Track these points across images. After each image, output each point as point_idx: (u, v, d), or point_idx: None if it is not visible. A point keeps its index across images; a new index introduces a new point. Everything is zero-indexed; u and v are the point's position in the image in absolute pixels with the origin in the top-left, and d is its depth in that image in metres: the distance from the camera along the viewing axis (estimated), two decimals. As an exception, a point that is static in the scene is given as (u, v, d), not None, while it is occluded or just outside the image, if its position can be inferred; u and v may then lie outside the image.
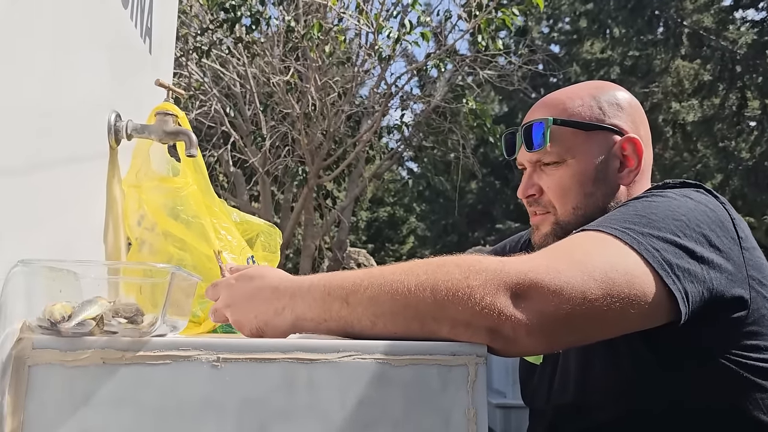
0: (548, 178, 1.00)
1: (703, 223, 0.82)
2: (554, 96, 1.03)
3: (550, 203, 1.00)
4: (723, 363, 0.84)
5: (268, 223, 1.27)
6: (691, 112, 11.96)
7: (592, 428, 0.91)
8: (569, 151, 0.98)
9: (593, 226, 0.81)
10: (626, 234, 0.77)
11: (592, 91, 1.01)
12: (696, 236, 0.80)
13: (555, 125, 0.97)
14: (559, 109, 0.99)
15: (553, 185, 0.99)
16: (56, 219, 0.80)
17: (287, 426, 0.64)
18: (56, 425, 0.64)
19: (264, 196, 7.46)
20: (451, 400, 0.65)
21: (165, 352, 0.65)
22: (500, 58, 7.68)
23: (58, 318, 0.65)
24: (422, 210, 18.67)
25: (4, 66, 0.64)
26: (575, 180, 0.97)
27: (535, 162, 1.01)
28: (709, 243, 0.81)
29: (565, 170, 0.98)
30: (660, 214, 0.81)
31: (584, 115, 0.98)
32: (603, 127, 0.98)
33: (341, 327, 0.71)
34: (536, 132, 0.98)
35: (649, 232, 0.78)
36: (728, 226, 0.85)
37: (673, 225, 0.80)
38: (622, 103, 1.00)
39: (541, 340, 0.69)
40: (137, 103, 1.09)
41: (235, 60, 6.77)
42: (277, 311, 0.73)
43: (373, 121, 7.22)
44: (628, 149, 0.98)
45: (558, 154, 0.98)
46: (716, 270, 0.80)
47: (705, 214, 0.84)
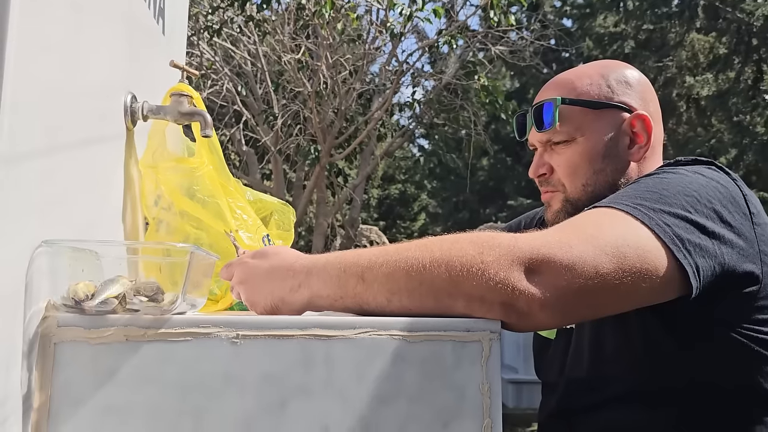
0: (558, 156, 1.01)
1: (715, 199, 0.83)
2: (563, 76, 1.04)
3: (560, 181, 1.02)
4: (735, 337, 0.85)
5: (281, 202, 1.28)
6: (705, 87, 11.80)
7: (604, 402, 0.92)
8: (578, 130, 0.99)
9: (605, 202, 0.82)
10: (637, 210, 0.78)
11: (600, 70, 1.02)
12: (707, 212, 0.81)
13: (564, 104, 0.99)
14: (567, 88, 1.01)
15: (563, 163, 1.00)
16: (76, 200, 0.81)
17: (305, 401, 0.66)
18: (82, 400, 0.66)
19: (276, 175, 7.47)
20: (466, 376, 0.67)
21: (186, 329, 0.67)
22: (512, 34, 7.60)
23: (81, 297, 0.67)
24: (433, 187, 18.63)
25: (22, 49, 0.65)
26: (584, 158, 0.99)
27: (546, 142, 1.03)
28: (720, 219, 0.81)
29: (575, 148, 0.99)
30: (671, 190, 0.82)
31: (593, 93, 0.99)
32: (612, 105, 0.99)
33: (357, 304, 0.72)
34: (545, 112, 1.00)
35: (661, 208, 0.78)
36: (740, 202, 0.86)
37: (685, 201, 0.81)
38: (630, 80, 1.01)
39: (555, 314, 0.70)
40: (152, 85, 1.10)
41: (246, 38, 6.75)
42: (292, 288, 0.75)
43: (384, 98, 7.19)
44: (638, 126, 0.99)
45: (567, 133, 0.99)
46: (727, 245, 0.81)
47: (716, 190, 0.84)
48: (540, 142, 1.04)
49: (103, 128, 0.91)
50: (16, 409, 0.64)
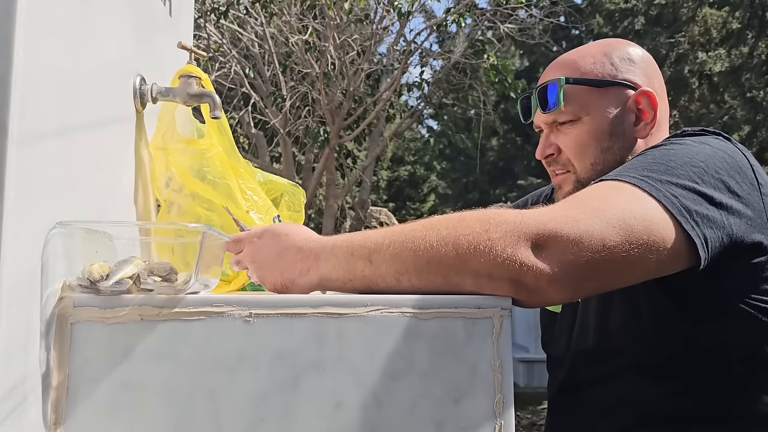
0: (565, 137, 1.01)
1: (722, 169, 0.82)
2: (566, 56, 1.04)
3: (569, 161, 1.02)
4: (742, 308, 0.85)
5: (291, 183, 1.29)
6: (718, 62, 11.63)
7: (611, 373, 0.93)
8: (583, 109, 0.99)
9: (611, 175, 0.82)
10: (644, 182, 0.77)
11: (603, 49, 1.02)
12: (714, 182, 0.81)
13: (568, 84, 0.98)
14: (571, 68, 1.00)
15: (570, 143, 1.00)
16: (88, 182, 0.82)
17: (318, 377, 0.67)
18: (99, 378, 0.67)
19: (285, 157, 7.48)
20: (477, 352, 0.67)
21: (200, 309, 0.68)
22: (521, 12, 7.51)
23: (96, 277, 0.68)
24: (443, 168, 18.59)
25: (31, 32, 0.65)
26: (591, 136, 0.99)
27: (551, 122, 1.03)
28: (728, 189, 0.81)
29: (581, 127, 0.99)
30: (678, 161, 0.82)
31: (596, 72, 0.99)
32: (616, 83, 0.99)
33: (366, 285, 0.72)
34: (550, 93, 1.00)
35: (668, 179, 0.78)
36: (747, 172, 0.85)
37: (692, 172, 0.80)
38: (634, 57, 1.01)
39: (564, 288, 0.70)
40: (161, 67, 1.10)
41: (253, 20, 6.71)
42: (302, 272, 0.76)
43: (392, 79, 7.15)
44: (643, 102, 0.99)
45: (573, 113, 0.99)
46: (735, 216, 0.81)
47: (723, 160, 0.84)
48: (546, 123, 1.04)
49: (112, 111, 0.91)
50: (35, 387, 0.66)
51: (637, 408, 0.90)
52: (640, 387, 0.90)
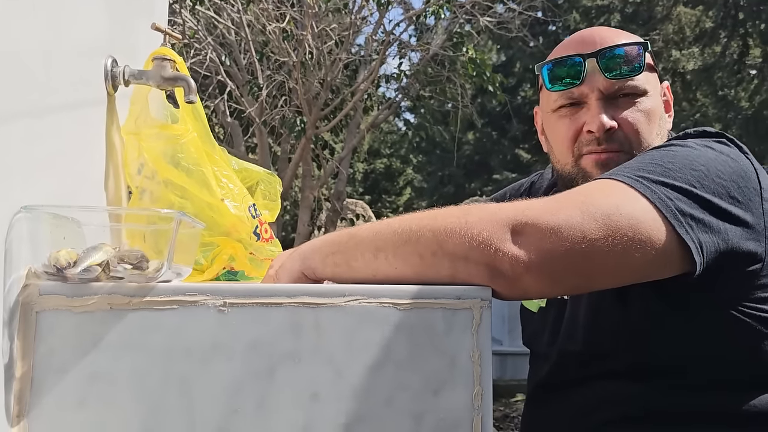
0: (629, 111, 0.93)
1: (724, 174, 0.80)
2: (610, 31, 0.98)
3: (626, 139, 0.93)
4: (735, 315, 0.83)
5: (267, 171, 1.26)
6: (691, 61, 11.81)
7: (600, 375, 0.91)
8: (647, 84, 0.94)
9: (606, 174, 0.80)
10: (638, 182, 0.75)
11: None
12: (714, 187, 0.78)
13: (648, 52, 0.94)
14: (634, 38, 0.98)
15: (634, 119, 0.92)
16: (56, 166, 0.79)
17: (294, 368, 0.65)
18: (66, 369, 0.65)
19: (261, 147, 7.40)
20: (456, 343, 0.66)
21: (172, 297, 0.66)
22: (499, 5, 7.51)
23: (63, 264, 0.65)
24: (419, 161, 18.61)
25: (-3, 7, 0.62)
26: (651, 116, 0.94)
27: (614, 92, 0.93)
28: (728, 194, 0.79)
29: (643, 105, 0.93)
30: (678, 163, 0.79)
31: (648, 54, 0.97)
32: (656, 70, 1.00)
33: (345, 261, 0.74)
34: (634, 56, 0.92)
35: (664, 181, 0.76)
36: (750, 176, 0.83)
37: (691, 175, 0.78)
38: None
39: (542, 279, 0.68)
40: (133, 49, 1.07)
41: (230, 7, 6.62)
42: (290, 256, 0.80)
43: (370, 69, 7.11)
44: (668, 95, 1.01)
45: (639, 87, 0.93)
46: (733, 222, 0.78)
47: (726, 164, 0.81)
48: (605, 90, 0.92)
49: (82, 93, 0.88)
50: (-3, 378, 0.63)
51: (624, 406, 0.89)
52: (627, 388, 0.88)
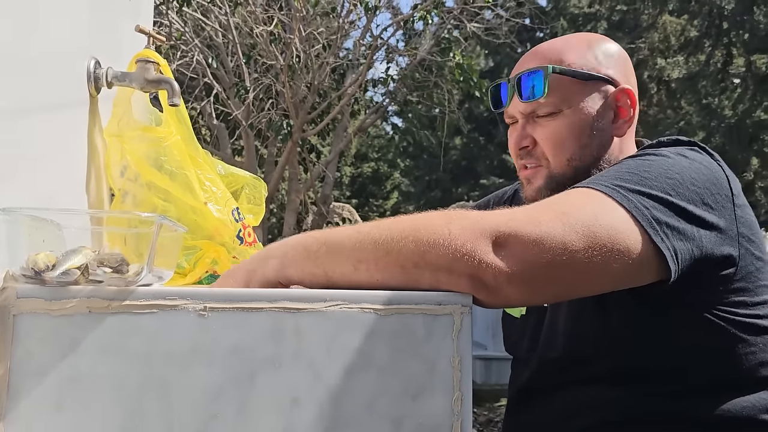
0: (543, 129, 0.97)
1: (698, 181, 0.82)
2: (548, 45, 1.01)
3: (544, 155, 0.98)
4: (711, 319, 0.85)
5: (253, 176, 1.26)
6: (676, 69, 11.93)
7: (581, 381, 0.92)
8: (565, 101, 0.96)
9: (583, 183, 0.81)
10: (615, 191, 0.76)
11: (586, 41, 1.00)
12: (689, 195, 0.80)
13: (554, 74, 0.95)
14: (554, 58, 0.97)
15: (549, 136, 0.97)
16: (37, 168, 0.79)
17: (275, 373, 0.65)
18: (43, 373, 0.64)
19: (248, 150, 7.38)
20: (437, 349, 0.66)
21: (151, 302, 0.65)
22: (487, 12, 7.56)
23: (42, 267, 0.65)
24: (406, 166, 18.65)
25: (-22, 7, 0.62)
26: (571, 131, 0.96)
27: (529, 113, 0.98)
28: (702, 201, 0.81)
29: (561, 121, 0.96)
30: (653, 172, 0.81)
31: (580, 64, 0.97)
32: (598, 77, 0.97)
33: (323, 272, 0.71)
34: (532, 81, 0.95)
35: (640, 190, 0.77)
36: (723, 184, 0.85)
37: (666, 183, 0.79)
38: (614, 53, 1.00)
39: (524, 289, 0.69)
40: (117, 51, 1.07)
41: (217, 9, 6.60)
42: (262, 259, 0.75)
43: (357, 74, 7.12)
44: (622, 100, 0.98)
45: (554, 104, 0.96)
46: (707, 228, 0.80)
47: (699, 171, 0.83)
48: (523, 113, 0.99)
49: (64, 94, 0.88)
50: (-27, 382, 0.62)
51: (603, 411, 0.90)
52: (606, 393, 0.90)
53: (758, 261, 0.87)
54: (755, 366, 0.87)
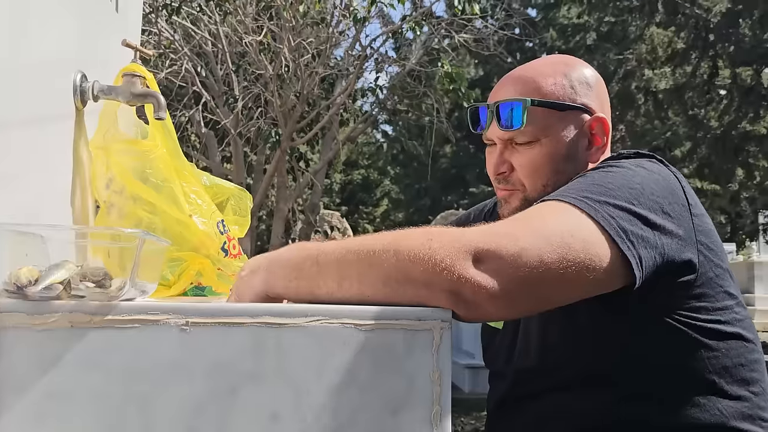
0: (520, 156, 1.00)
1: (657, 192, 0.85)
2: (524, 73, 1.03)
3: (520, 181, 1.01)
4: (673, 324, 0.88)
5: (238, 187, 1.27)
6: (663, 80, 12.06)
7: (552, 388, 0.95)
8: (543, 131, 0.98)
9: (552, 196, 0.84)
10: (583, 202, 0.79)
11: (562, 69, 1.02)
12: (650, 204, 0.83)
13: (532, 106, 0.97)
14: (531, 87, 0.99)
15: (526, 163, 1.00)
16: (21, 181, 0.79)
17: (256, 388, 0.65)
18: (25, 387, 0.64)
19: (236, 158, 7.37)
20: (417, 364, 0.67)
21: (133, 316, 0.66)
22: (477, 22, 7.61)
23: (24, 282, 0.65)
24: (396, 173, 18.69)
25: (-37, 25, 0.62)
26: (547, 159, 0.99)
27: (507, 140, 1.01)
28: (662, 210, 0.84)
29: (539, 149, 0.99)
30: (616, 183, 0.84)
31: (558, 94, 0.99)
32: (575, 107, 1.00)
33: (309, 288, 0.72)
34: (514, 112, 0.98)
35: (606, 201, 0.80)
36: (679, 194, 0.89)
37: (629, 193, 0.83)
38: (590, 81, 1.02)
39: (502, 304, 0.71)
40: (103, 64, 1.07)
41: (207, 18, 6.60)
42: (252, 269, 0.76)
43: (347, 83, 7.14)
44: (596, 128, 1.01)
45: (532, 134, 0.98)
46: (668, 236, 0.84)
47: (657, 182, 0.87)
48: (501, 139, 1.02)
49: (49, 107, 0.88)
50: (-47, 396, 0.62)
51: (575, 419, 0.92)
52: (577, 400, 0.92)
53: (718, 268, 0.90)
54: (720, 370, 0.90)
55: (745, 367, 0.91)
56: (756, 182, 11.86)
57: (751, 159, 11.37)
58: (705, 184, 12.06)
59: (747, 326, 0.93)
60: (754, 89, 10.76)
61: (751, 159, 11.37)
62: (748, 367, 0.91)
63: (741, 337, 0.92)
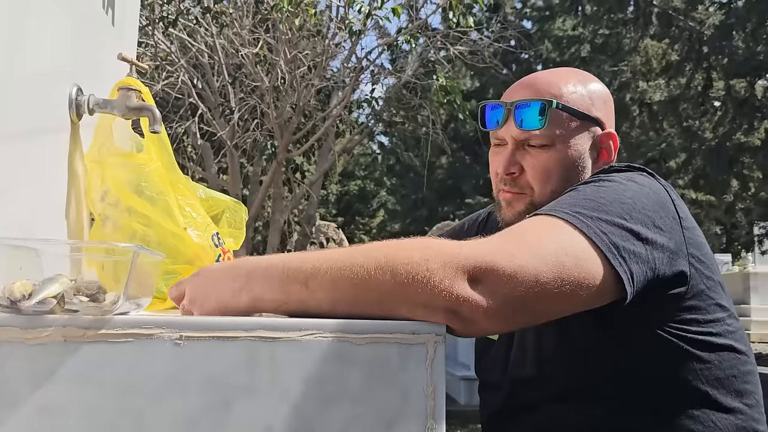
0: (533, 159, 1.00)
1: (648, 206, 0.86)
2: (546, 78, 1.03)
3: (528, 185, 1.01)
4: (665, 336, 0.88)
5: (233, 200, 1.27)
6: (657, 92, 12.13)
7: (546, 400, 0.95)
8: (559, 136, 0.99)
9: (544, 210, 0.84)
10: (576, 218, 0.80)
11: (580, 80, 1.03)
12: (641, 218, 0.84)
13: (556, 109, 0.97)
14: (554, 92, 0.99)
15: (538, 167, 0.99)
16: (16, 194, 0.79)
17: (250, 402, 0.65)
18: (18, 402, 0.64)
19: (232, 170, 7.37)
20: (411, 378, 0.67)
21: (127, 330, 0.66)
22: (472, 34, 7.65)
23: (18, 296, 0.65)
24: (392, 184, 18.71)
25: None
26: (559, 165, 0.99)
27: (522, 140, 1.00)
28: (653, 224, 0.85)
29: (552, 154, 0.99)
30: (608, 198, 0.85)
31: (577, 103, 1.00)
32: (590, 118, 1.01)
33: (301, 310, 0.71)
34: (538, 112, 0.97)
35: (598, 216, 0.81)
36: (669, 207, 0.89)
37: (620, 208, 0.83)
38: (604, 96, 1.04)
39: (498, 321, 0.72)
40: (99, 77, 1.08)
41: (203, 30, 6.63)
42: (234, 292, 0.73)
43: (343, 95, 7.16)
44: (606, 143, 1.03)
45: (549, 137, 0.98)
46: (659, 250, 0.84)
47: (648, 196, 0.88)
48: (515, 138, 1.00)
49: (45, 121, 0.88)
50: (-55, 411, 0.62)
51: (570, 431, 0.92)
52: (570, 412, 0.92)
53: (709, 280, 0.91)
54: (713, 382, 0.90)
55: (738, 379, 0.91)
56: (751, 193, 11.92)
57: (746, 170, 11.42)
58: (700, 195, 12.11)
59: (739, 338, 0.94)
60: (747, 101, 10.83)
61: (745, 170, 11.42)
62: (741, 378, 0.92)
63: (733, 348, 0.92)
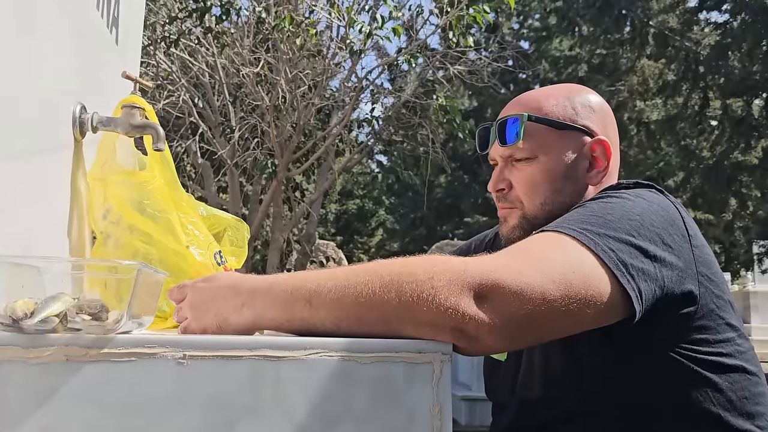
0: (519, 173, 1.02)
1: (657, 223, 0.85)
2: (529, 95, 1.06)
3: (518, 199, 1.02)
4: (673, 357, 0.87)
5: (235, 218, 1.26)
6: (654, 111, 12.20)
7: (554, 421, 0.94)
8: (541, 148, 1.00)
9: (552, 226, 0.83)
10: (583, 235, 0.79)
11: (566, 92, 1.04)
12: (650, 235, 0.83)
13: (529, 121, 0.99)
14: (533, 107, 1.02)
15: (523, 180, 1.01)
16: (19, 212, 0.79)
17: (254, 422, 0.64)
18: (19, 421, 0.63)
19: (232, 188, 7.38)
20: (417, 397, 0.66)
21: (130, 350, 0.65)
22: (471, 54, 7.71)
23: (20, 315, 0.64)
24: (391, 203, 18.72)
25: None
26: (545, 176, 1.00)
27: (507, 157, 1.03)
28: (662, 241, 0.84)
29: (536, 166, 1.00)
30: (616, 214, 0.84)
31: (557, 114, 1.01)
32: (575, 127, 1.01)
33: (304, 328, 0.70)
34: (510, 127, 1.00)
35: (606, 233, 0.80)
36: (679, 225, 0.88)
37: (628, 225, 0.83)
38: (594, 105, 1.04)
39: (503, 339, 0.71)
40: (103, 95, 1.08)
41: (204, 50, 6.68)
42: (235, 308, 0.72)
43: (343, 114, 7.19)
44: (598, 151, 1.01)
45: (530, 150, 1.00)
46: (668, 268, 0.83)
47: (657, 213, 0.87)
48: (502, 157, 1.04)
49: (49, 138, 0.88)
50: (-55, 432, 0.61)
51: None
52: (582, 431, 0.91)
53: (719, 299, 0.89)
54: (724, 404, 0.88)
55: (750, 401, 0.90)
56: (749, 212, 11.93)
57: (744, 189, 11.44)
58: (699, 213, 12.12)
59: (749, 358, 0.92)
60: (744, 120, 10.88)
61: (743, 189, 11.44)
62: (753, 400, 0.90)
63: (744, 369, 0.90)
